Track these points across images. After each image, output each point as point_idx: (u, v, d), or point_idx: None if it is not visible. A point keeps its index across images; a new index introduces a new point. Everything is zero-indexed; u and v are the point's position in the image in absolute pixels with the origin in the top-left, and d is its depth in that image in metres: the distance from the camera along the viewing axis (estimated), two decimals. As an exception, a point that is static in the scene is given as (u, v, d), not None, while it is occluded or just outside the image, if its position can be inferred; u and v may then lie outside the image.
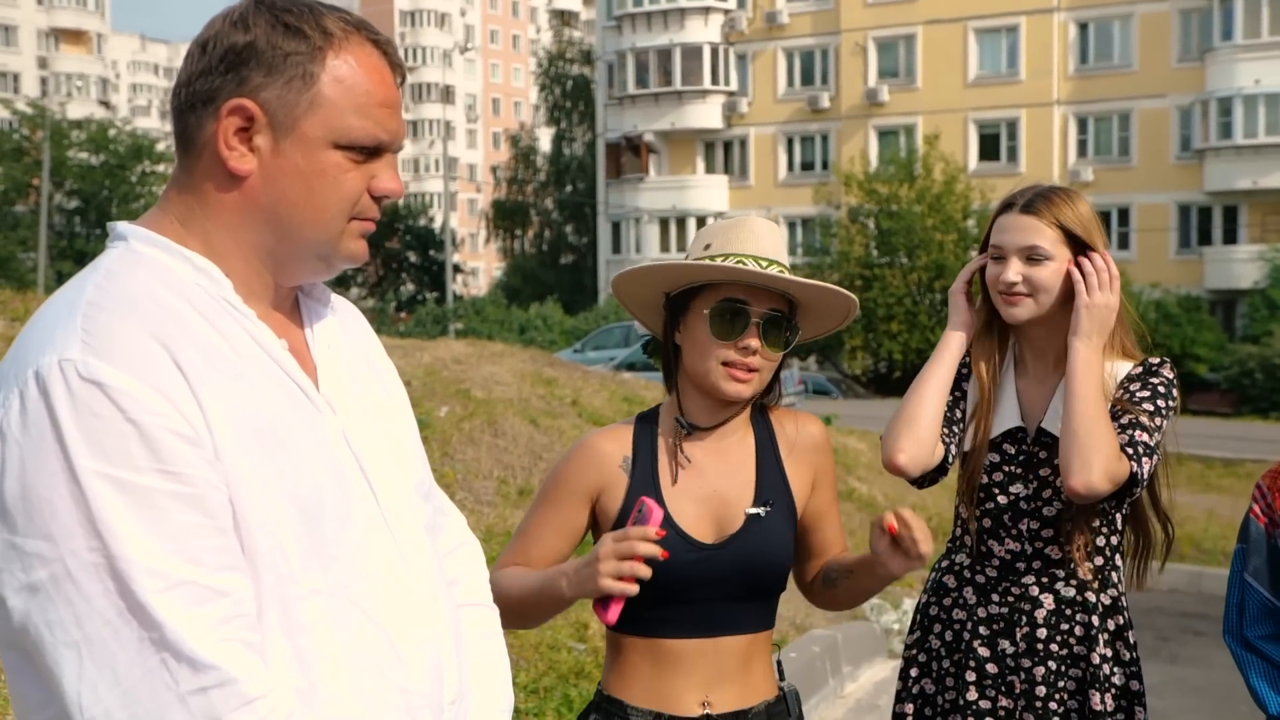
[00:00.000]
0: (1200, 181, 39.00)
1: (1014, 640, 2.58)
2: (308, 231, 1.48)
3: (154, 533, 1.29)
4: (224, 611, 1.32)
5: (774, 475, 2.31)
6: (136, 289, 1.40)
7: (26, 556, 1.28)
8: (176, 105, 1.48)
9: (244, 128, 1.44)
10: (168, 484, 1.31)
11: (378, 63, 1.50)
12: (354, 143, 1.47)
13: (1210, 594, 9.09)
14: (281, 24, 1.45)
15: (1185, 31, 39.48)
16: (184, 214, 1.48)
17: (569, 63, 58.89)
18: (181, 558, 1.30)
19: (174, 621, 1.28)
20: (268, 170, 1.46)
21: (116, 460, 1.28)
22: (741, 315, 2.18)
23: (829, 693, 6.20)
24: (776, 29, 44.58)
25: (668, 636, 2.21)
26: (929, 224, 36.13)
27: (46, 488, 1.27)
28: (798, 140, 45.01)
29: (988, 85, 41.51)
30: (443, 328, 38.58)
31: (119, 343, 1.33)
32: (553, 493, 2.29)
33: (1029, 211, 2.55)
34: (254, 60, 1.44)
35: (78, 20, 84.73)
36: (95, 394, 1.29)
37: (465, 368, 11.32)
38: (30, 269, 45.45)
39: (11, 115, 52.50)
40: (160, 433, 1.31)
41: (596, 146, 50.59)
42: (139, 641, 1.28)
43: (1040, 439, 2.61)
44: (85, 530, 1.27)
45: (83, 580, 1.27)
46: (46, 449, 1.28)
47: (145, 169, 51.75)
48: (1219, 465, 17.18)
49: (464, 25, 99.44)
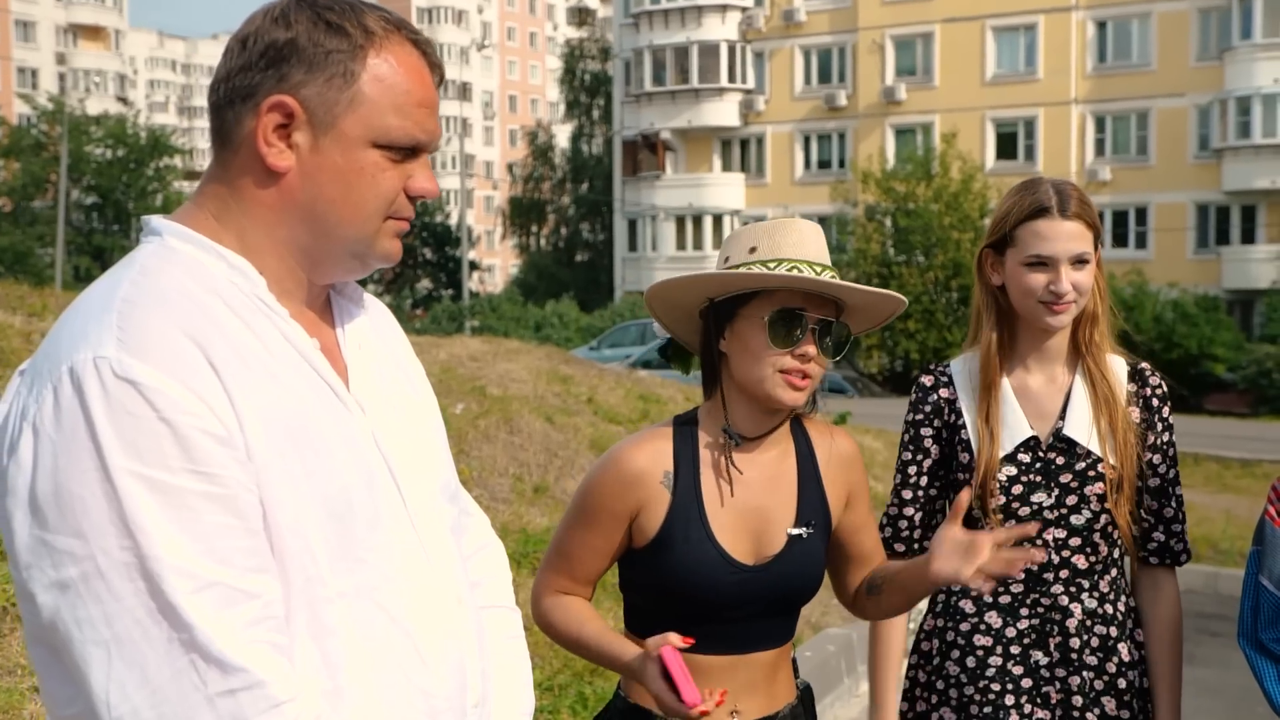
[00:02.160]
0: (1218, 181, 38.82)
1: (1048, 650, 2.53)
2: (344, 229, 1.48)
3: (185, 533, 1.29)
4: (253, 613, 1.32)
5: (814, 492, 2.27)
6: (171, 286, 1.39)
7: (57, 553, 1.28)
8: (214, 100, 1.48)
9: (283, 124, 1.44)
10: (200, 484, 1.30)
11: (417, 62, 1.49)
12: (392, 142, 1.47)
13: (1227, 595, 9.05)
14: (324, 21, 1.44)
15: (1204, 30, 39.29)
16: (219, 209, 1.47)
17: (588, 59, 58.88)
18: (212, 559, 1.30)
19: (203, 623, 1.28)
20: (306, 167, 1.45)
21: (150, 459, 1.28)
22: (799, 322, 2.13)
23: (844, 691, 6.20)
24: (794, 27, 44.51)
25: (699, 653, 2.16)
26: (946, 222, 36.03)
27: (79, 485, 1.27)
28: (815, 138, 44.93)
29: (1005, 84, 41.39)
30: (459, 325, 38.63)
31: (154, 341, 1.32)
32: (591, 514, 2.22)
33: (1069, 215, 2.48)
34: (295, 57, 1.43)
35: (96, 16, 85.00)
36: (130, 392, 1.28)
37: (481, 365, 11.34)
38: (48, 264, 45.66)
39: (32, 110, 52.71)
40: (193, 432, 1.30)
41: (613, 144, 50.58)
42: (168, 642, 1.27)
43: (1056, 445, 2.54)
44: (117, 529, 1.27)
45: (113, 579, 1.27)
46: (80, 446, 1.27)
47: (162, 164, 51.90)
48: (1236, 466, 17.11)
49: (481, 22, 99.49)
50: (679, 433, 2.25)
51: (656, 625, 2.09)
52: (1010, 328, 2.59)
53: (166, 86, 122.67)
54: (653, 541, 2.18)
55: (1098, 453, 2.51)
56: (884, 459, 13.12)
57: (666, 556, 2.16)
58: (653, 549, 2.18)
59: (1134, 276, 35.48)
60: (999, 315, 2.59)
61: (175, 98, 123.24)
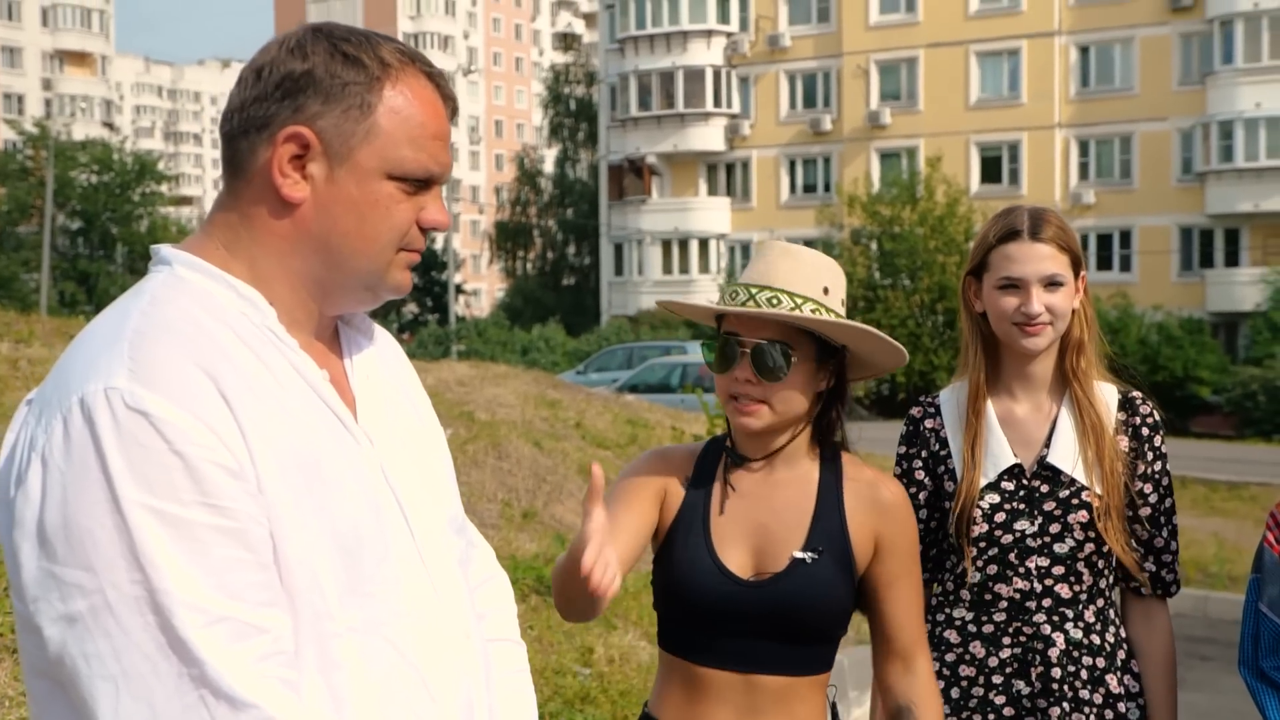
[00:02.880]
0: (1202, 204, 39.05)
1: (1029, 680, 2.51)
2: (358, 261, 1.47)
3: (197, 566, 1.27)
4: (263, 648, 1.30)
5: (833, 523, 2.22)
6: (181, 316, 1.38)
7: (65, 586, 1.26)
8: (228, 130, 1.47)
9: (298, 155, 1.43)
10: (211, 518, 1.29)
11: (431, 95, 1.49)
12: (407, 174, 1.46)
13: (1217, 618, 9.05)
14: (340, 53, 1.44)
15: (1186, 55, 39.59)
16: (230, 239, 1.46)
17: (573, 84, 59.06)
18: (223, 593, 1.28)
19: (214, 658, 1.26)
20: (321, 199, 1.45)
21: (161, 492, 1.26)
22: (731, 347, 2.19)
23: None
24: (779, 52, 44.72)
25: (702, 664, 2.18)
26: (931, 246, 36.14)
27: (89, 518, 1.25)
28: (800, 162, 45.10)
29: (989, 108, 41.62)
30: (445, 349, 38.58)
31: (165, 372, 1.31)
32: (627, 491, 2.25)
33: (1040, 239, 2.49)
34: (311, 88, 1.43)
35: (82, 42, 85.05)
36: (141, 424, 1.27)
37: (469, 390, 11.32)
38: (33, 290, 45.52)
39: (18, 136, 52.65)
40: (205, 465, 1.29)
41: (599, 168, 50.69)
42: (178, 677, 1.25)
43: (1040, 473, 2.53)
44: (127, 562, 1.25)
45: (123, 613, 1.25)
46: (90, 478, 1.26)
47: (148, 189, 51.84)
48: (1223, 488, 17.14)
49: (467, 48, 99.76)
50: (707, 447, 2.33)
51: (672, 634, 2.14)
52: (996, 356, 2.59)
53: (153, 112, 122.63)
54: (664, 540, 2.25)
55: (1082, 481, 2.50)
56: (872, 483, 13.12)
57: (670, 557, 2.22)
58: (663, 548, 2.24)
59: (1118, 299, 35.65)
60: (984, 343, 2.59)
61: (161, 123, 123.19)
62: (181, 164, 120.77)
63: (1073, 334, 2.55)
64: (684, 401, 18.93)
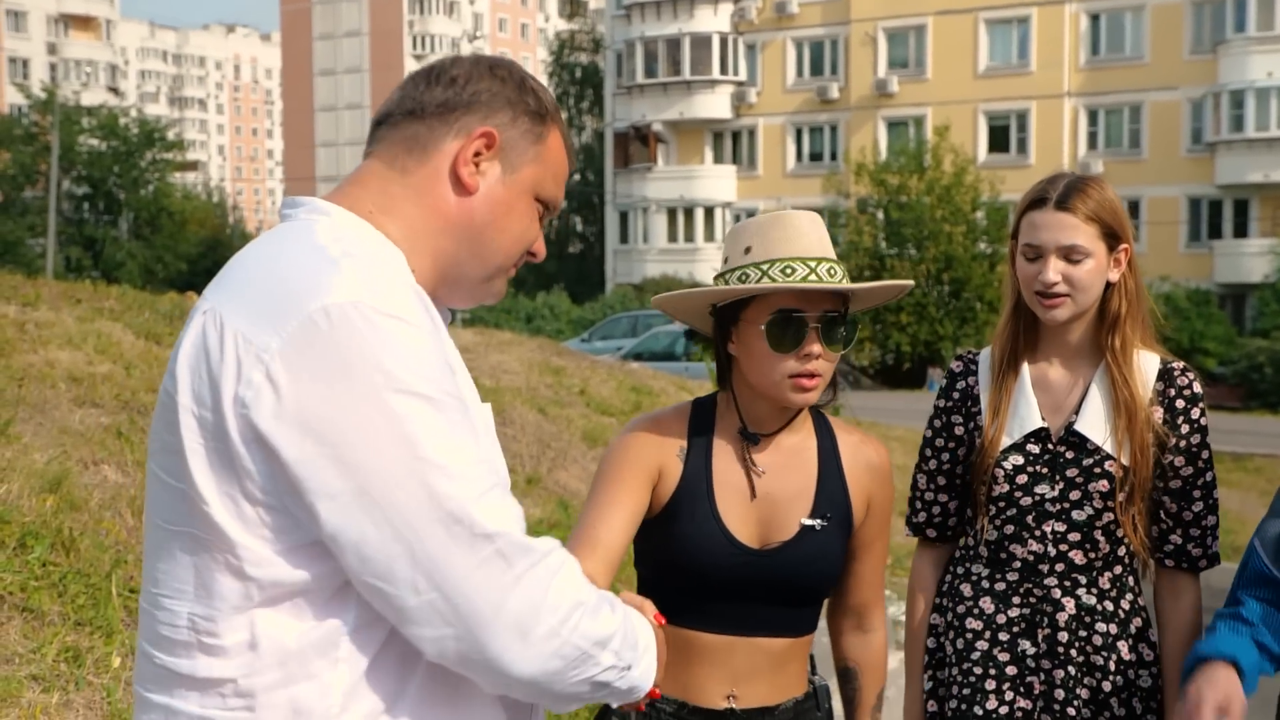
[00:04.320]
0: (1211, 174, 38.90)
1: (1035, 641, 2.53)
2: (496, 257, 1.68)
3: (463, 444, 1.44)
4: (516, 508, 1.50)
5: (835, 487, 2.26)
6: (369, 250, 1.53)
7: (343, 465, 1.39)
8: (412, 110, 1.64)
9: (479, 152, 1.63)
10: (458, 405, 1.46)
11: (567, 143, 1.75)
12: (546, 200, 1.71)
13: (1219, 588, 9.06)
14: (528, 87, 1.69)
15: (1198, 23, 39.34)
16: (385, 204, 1.62)
17: (579, 50, 58.82)
18: (485, 465, 1.46)
19: (495, 519, 1.43)
20: (490, 194, 1.65)
21: (423, 381, 1.42)
22: (798, 323, 2.12)
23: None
24: (786, 19, 44.50)
25: (700, 630, 2.19)
26: (938, 215, 36.06)
27: (362, 406, 1.39)
28: (807, 131, 44.94)
29: (998, 76, 41.42)
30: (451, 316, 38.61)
31: (393, 288, 1.46)
32: (616, 470, 2.21)
33: (1065, 208, 2.45)
34: (503, 104, 1.66)
35: (87, 6, 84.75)
36: (394, 325, 1.42)
37: (473, 356, 11.33)
38: (39, 254, 45.52)
39: (25, 101, 52.52)
40: (444, 363, 1.48)
41: (605, 136, 50.54)
42: (470, 538, 1.41)
43: (1067, 438, 2.52)
44: (405, 443, 1.39)
45: (411, 487, 1.39)
46: (355, 372, 1.39)
47: (155, 155, 51.74)
48: (1227, 460, 17.15)
49: (473, 13, 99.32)
50: (696, 414, 2.28)
51: (661, 598, 2.10)
52: (1037, 318, 2.57)
53: (158, 77, 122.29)
54: (662, 512, 2.20)
55: (1107, 450, 2.48)
56: (877, 451, 13.14)
57: (672, 529, 2.19)
58: (661, 520, 2.20)
59: (1125, 270, 35.59)
60: (1021, 305, 2.58)
61: (166, 88, 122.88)
62: (187, 129, 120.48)
63: (1110, 308, 2.51)
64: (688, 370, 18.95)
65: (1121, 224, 2.50)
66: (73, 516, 4.64)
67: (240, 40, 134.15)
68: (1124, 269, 2.52)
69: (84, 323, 8.26)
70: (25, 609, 3.95)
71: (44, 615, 3.94)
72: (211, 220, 58.33)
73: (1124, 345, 2.51)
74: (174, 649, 1.48)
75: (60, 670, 3.73)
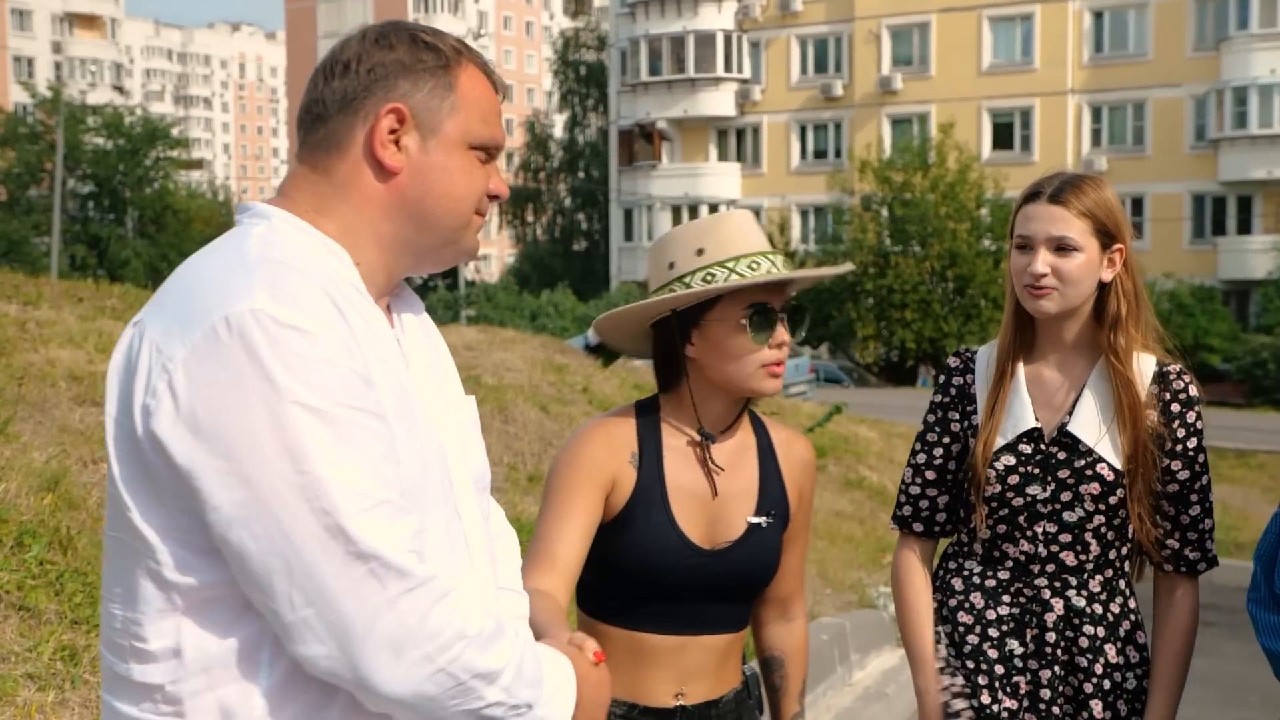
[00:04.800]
0: (1215, 171, 38.84)
1: (1023, 641, 2.53)
2: (447, 221, 1.65)
3: (354, 459, 1.42)
4: (414, 526, 1.47)
5: (775, 485, 2.32)
6: (297, 255, 1.52)
7: (227, 477, 1.39)
8: (318, 112, 1.63)
9: (393, 130, 1.61)
10: (361, 418, 1.44)
11: (486, 80, 1.71)
12: (482, 144, 1.67)
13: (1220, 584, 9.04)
14: (420, 41, 1.65)
15: (1201, 20, 39.28)
16: (319, 205, 1.61)
17: (584, 49, 58.78)
18: (379, 481, 1.44)
19: (377, 536, 1.41)
20: (416, 166, 1.62)
21: (317, 393, 1.41)
22: (770, 315, 2.21)
23: (837, 680, 6.21)
24: (790, 16, 44.46)
25: (649, 631, 2.22)
26: (942, 212, 36.02)
27: (250, 417, 1.39)
28: (811, 128, 44.92)
29: (1002, 74, 41.38)
30: (454, 314, 38.61)
31: (302, 296, 1.45)
32: (570, 482, 2.22)
33: (1057, 201, 2.46)
34: (400, 72, 1.62)
35: (92, 5, 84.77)
36: (294, 336, 1.41)
37: (477, 354, 11.34)
38: (43, 253, 45.56)
39: (30, 99, 52.54)
40: (350, 374, 1.45)
41: (609, 133, 50.53)
42: (345, 555, 1.40)
43: (1060, 439, 2.52)
44: (290, 454, 1.39)
45: (289, 499, 1.39)
46: (247, 383, 1.39)
47: (162, 155, 51.76)
48: (1231, 456, 17.14)
49: (477, 11, 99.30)
50: (643, 418, 2.30)
51: (609, 603, 2.14)
52: (1033, 317, 2.57)
53: (163, 75, 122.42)
54: (616, 519, 2.21)
55: (1100, 452, 2.48)
56: (879, 449, 13.13)
57: (627, 535, 2.20)
58: (615, 526, 2.21)
59: (1130, 267, 35.52)
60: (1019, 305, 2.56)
61: (171, 86, 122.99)
62: (192, 128, 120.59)
63: (1109, 308, 2.50)
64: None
65: (1117, 223, 2.49)
66: (71, 515, 4.65)
67: (245, 39, 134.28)
68: (1119, 269, 2.50)
69: (85, 321, 8.27)
70: (22, 607, 3.96)
71: (40, 614, 3.95)
72: (216, 218, 58.27)
73: (1127, 346, 2.50)
74: (118, 652, 1.51)
75: (56, 669, 3.73)
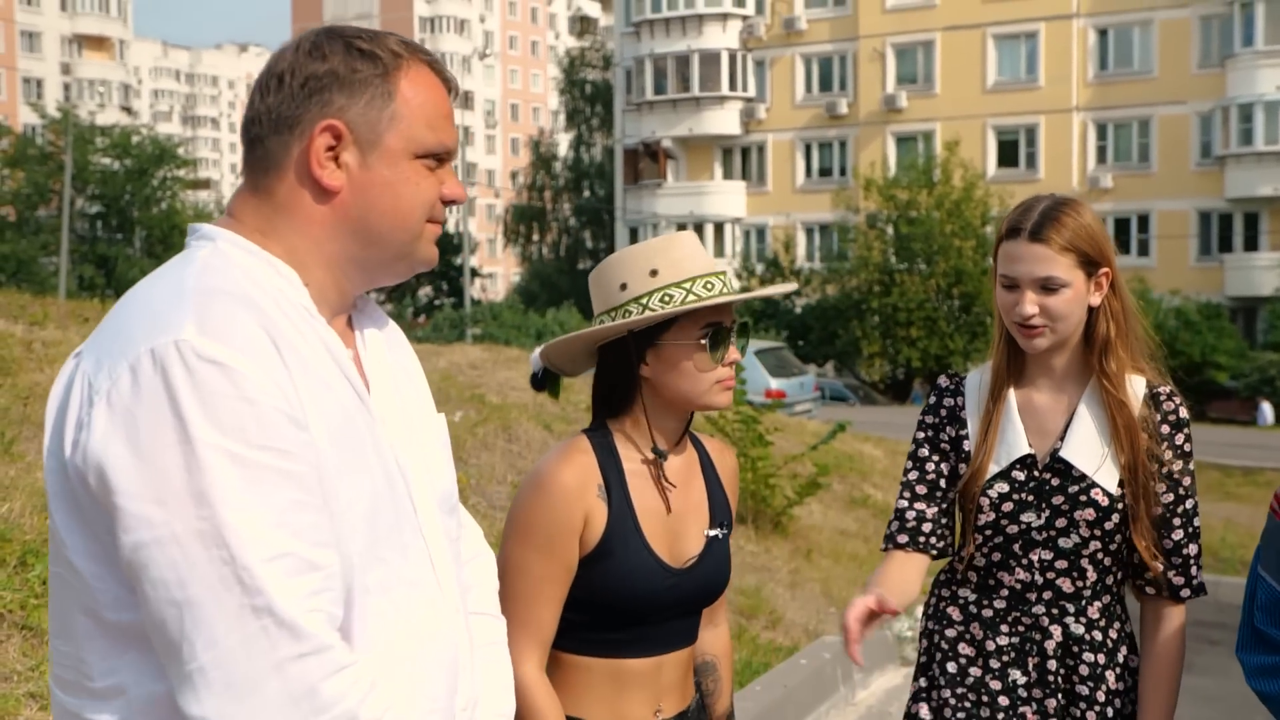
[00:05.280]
0: (1221, 188, 38.84)
1: (1026, 670, 2.50)
2: (395, 235, 1.59)
3: (262, 505, 1.36)
4: (317, 584, 1.39)
5: (720, 495, 2.38)
6: (235, 282, 1.48)
7: (132, 517, 1.34)
8: (256, 132, 1.57)
9: (331, 146, 1.55)
10: (276, 460, 1.38)
11: (435, 80, 1.63)
12: (429, 151, 1.60)
13: (1227, 603, 9.00)
14: (355, 49, 1.57)
15: (1206, 37, 39.34)
16: (263, 226, 1.56)
17: (589, 68, 58.96)
18: (285, 530, 1.37)
19: (274, 590, 1.35)
20: (357, 183, 1.56)
21: (231, 434, 1.35)
22: (724, 333, 2.25)
23: (840, 700, 6.19)
24: (795, 35, 44.59)
25: (630, 657, 2.23)
26: (948, 230, 36.07)
27: (160, 456, 1.34)
28: (816, 146, 44.99)
29: (1007, 91, 41.45)
30: (460, 333, 38.63)
31: (230, 327, 1.40)
32: (544, 540, 2.17)
33: (1038, 239, 2.41)
34: (335, 85, 1.55)
35: (100, 26, 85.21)
36: (213, 372, 1.36)
37: (481, 373, 11.35)
38: (51, 273, 45.69)
39: (40, 120, 52.77)
40: (272, 412, 1.38)
41: (615, 152, 50.65)
42: (239, 608, 1.34)
43: (1053, 465, 2.48)
44: (195, 498, 1.34)
45: (189, 545, 1.34)
46: (162, 420, 1.34)
47: (169, 174, 51.95)
48: (1238, 473, 17.10)
49: (483, 31, 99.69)
50: (599, 447, 2.26)
51: (587, 637, 2.16)
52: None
53: (170, 96, 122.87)
54: (592, 553, 2.19)
55: (1094, 477, 2.45)
56: (884, 467, 13.10)
57: (606, 566, 2.18)
58: (592, 560, 2.18)
59: (1136, 284, 35.45)
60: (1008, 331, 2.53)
61: (179, 107, 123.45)
62: (199, 148, 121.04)
63: (1099, 332, 2.47)
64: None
65: (1099, 248, 2.45)
66: (74, 534, 4.65)
67: (252, 59, 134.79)
68: (1105, 292, 2.48)
69: (90, 341, 8.27)
70: (25, 626, 3.96)
71: (43, 633, 3.94)
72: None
73: (1118, 368, 2.47)
74: (69, 689, 1.48)
75: (59, 688, 3.73)
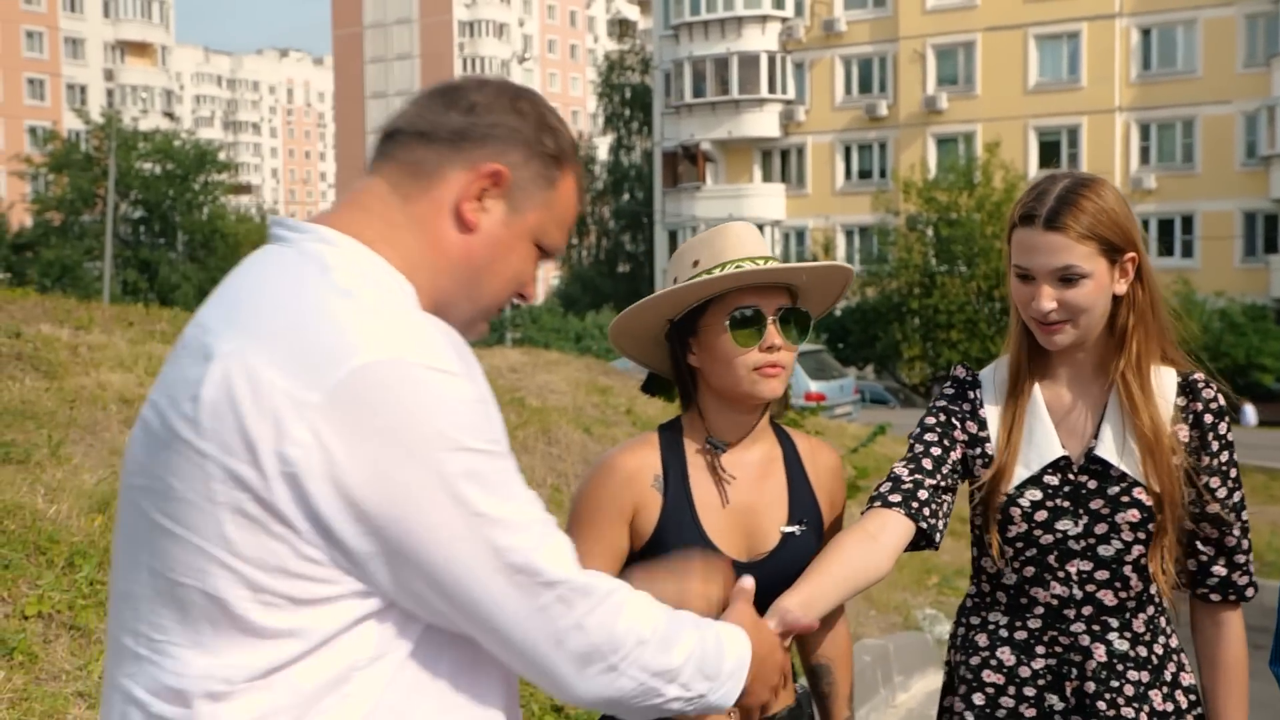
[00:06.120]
0: (1266, 188, 38.38)
1: (1063, 695, 2.27)
2: (489, 299, 1.61)
3: (515, 491, 1.43)
4: (564, 539, 1.49)
5: (805, 492, 2.31)
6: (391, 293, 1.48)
7: (394, 529, 1.37)
8: (423, 129, 1.56)
9: (485, 188, 1.55)
10: (504, 449, 1.44)
11: (580, 192, 1.68)
12: (546, 248, 1.63)
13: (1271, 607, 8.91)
14: (548, 125, 1.60)
15: (1251, 36, 38.90)
16: (387, 233, 1.53)
17: (628, 71, 59.02)
18: (535, 507, 1.45)
19: (559, 564, 1.45)
20: (491, 233, 1.57)
21: (469, 434, 1.39)
22: (758, 318, 2.20)
23: (880, 702, 6.17)
24: (834, 37, 44.45)
25: None
26: (989, 232, 35.84)
27: (409, 471, 1.36)
28: (855, 148, 44.83)
29: (1048, 92, 41.14)
30: (499, 336, 38.76)
31: (427, 337, 1.41)
32: (590, 518, 2.23)
33: (1054, 227, 2.16)
34: (519, 142, 1.57)
35: (143, 33, 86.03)
36: (438, 379, 1.38)
37: (520, 376, 11.39)
38: (96, 277, 46.18)
39: (84, 126, 53.37)
40: (485, 406, 1.43)
41: (654, 155, 50.66)
42: (533, 587, 1.42)
43: (1088, 466, 2.26)
44: (457, 501, 1.38)
45: (470, 544, 1.39)
46: (402, 436, 1.35)
47: (210, 179, 52.39)
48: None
49: (522, 35, 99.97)
50: (665, 439, 2.29)
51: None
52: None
53: (212, 101, 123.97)
54: (647, 544, 2.20)
55: (1134, 475, 2.23)
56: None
57: (660, 558, 2.16)
58: (646, 552, 2.20)
59: (1180, 285, 35.14)
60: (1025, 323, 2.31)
61: (221, 112, 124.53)
62: (240, 153, 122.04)
63: (1120, 322, 2.25)
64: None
65: (1123, 232, 2.20)
66: (121, 536, 4.71)
67: (293, 64, 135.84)
68: (1131, 279, 2.24)
69: (135, 345, 8.39)
70: (73, 627, 4.02)
71: (91, 633, 4.00)
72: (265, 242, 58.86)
73: (1139, 362, 2.25)
74: (183, 700, 1.40)
75: (106, 687, 3.78)
